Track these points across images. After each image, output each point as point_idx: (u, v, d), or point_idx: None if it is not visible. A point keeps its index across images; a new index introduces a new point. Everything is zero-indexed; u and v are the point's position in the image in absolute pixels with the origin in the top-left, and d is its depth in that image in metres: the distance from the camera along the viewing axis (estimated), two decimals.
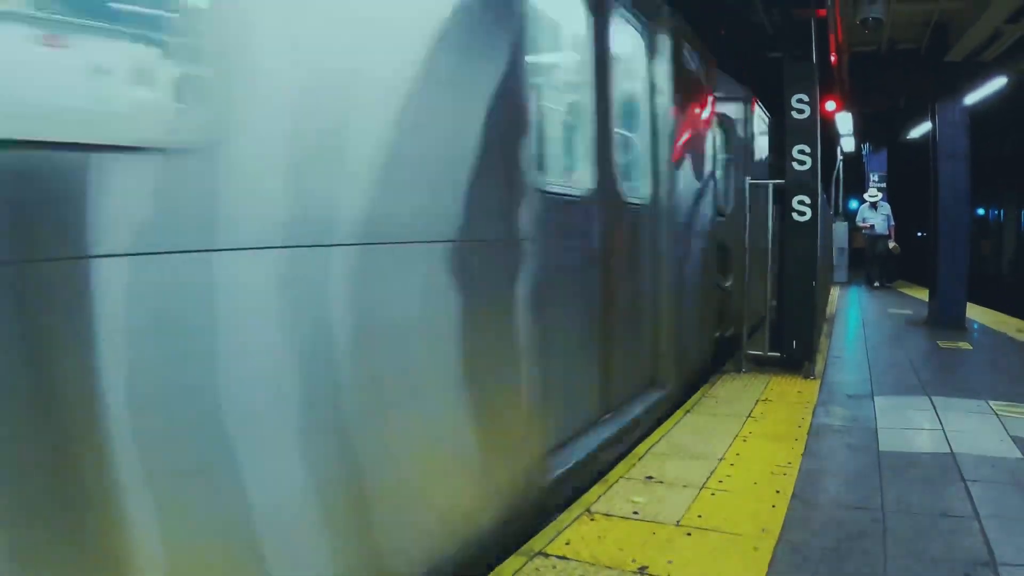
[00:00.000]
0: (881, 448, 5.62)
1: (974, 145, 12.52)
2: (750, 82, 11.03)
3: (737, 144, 10.58)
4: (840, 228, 22.30)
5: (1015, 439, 5.76)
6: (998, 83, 12.97)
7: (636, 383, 6.40)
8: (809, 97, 8.14)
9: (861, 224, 20.35)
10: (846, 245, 22.70)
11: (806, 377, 8.24)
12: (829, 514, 4.32)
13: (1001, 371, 9.25)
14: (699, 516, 4.25)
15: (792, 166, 8.15)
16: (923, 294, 15.20)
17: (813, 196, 8.17)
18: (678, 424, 6.40)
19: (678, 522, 4.17)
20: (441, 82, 3.28)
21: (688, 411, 6.86)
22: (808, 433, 6.02)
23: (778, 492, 4.62)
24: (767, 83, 10.09)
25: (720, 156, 9.87)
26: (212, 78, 2.37)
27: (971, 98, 12.84)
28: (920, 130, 18.85)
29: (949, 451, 5.50)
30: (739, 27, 11.81)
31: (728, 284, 9.44)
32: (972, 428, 6.15)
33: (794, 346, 8.27)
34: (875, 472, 5.05)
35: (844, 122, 16.42)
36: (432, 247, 3.26)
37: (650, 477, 4.92)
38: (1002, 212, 27.98)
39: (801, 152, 8.10)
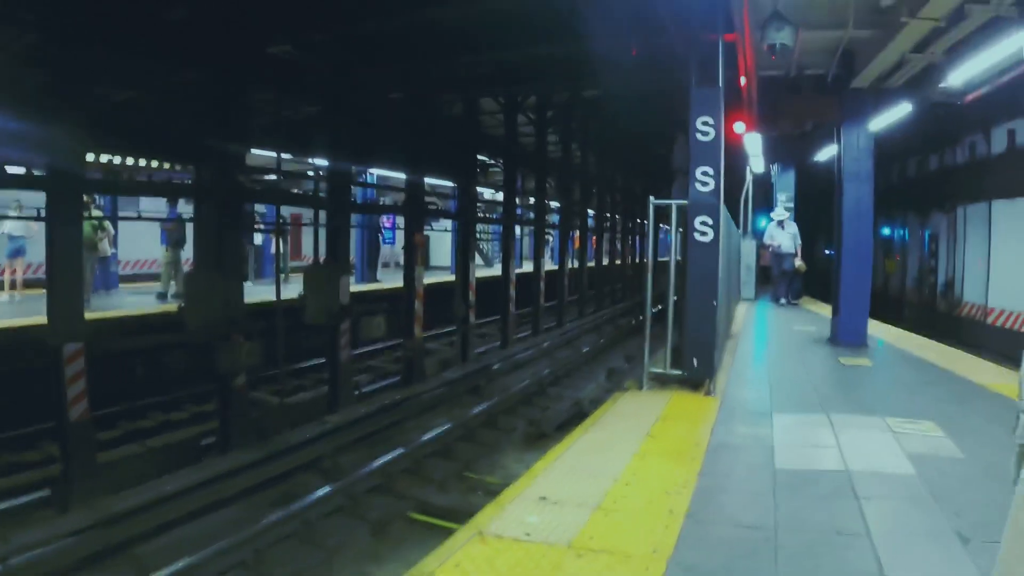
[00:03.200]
0: (777, 466, 5.65)
1: (880, 168, 12.79)
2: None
3: None
4: (748, 246, 22.61)
5: (909, 455, 5.83)
6: (903, 109, 13.28)
7: None
8: (714, 120, 8.20)
9: (768, 243, 20.70)
10: (754, 263, 23.04)
11: (707, 394, 8.28)
12: (722, 533, 4.30)
13: (900, 387, 9.43)
14: (591, 538, 4.20)
15: (696, 187, 8.20)
16: (828, 311, 15.45)
17: (715, 217, 8.22)
18: (577, 441, 6.36)
19: (570, 544, 4.11)
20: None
21: (589, 428, 6.83)
22: (706, 451, 6.02)
23: (672, 512, 4.59)
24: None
25: None
26: None
27: (876, 124, 13.12)
28: (827, 153, 19.24)
29: (844, 468, 5.54)
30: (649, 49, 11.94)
31: None
32: (868, 445, 6.22)
33: (695, 364, 8.30)
34: (770, 490, 5.05)
35: (753, 143, 16.63)
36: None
37: (544, 497, 4.85)
38: (906, 232, 28.72)
39: (704, 174, 8.16)
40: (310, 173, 17.03)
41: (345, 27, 11.51)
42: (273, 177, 15.77)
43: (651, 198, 8.75)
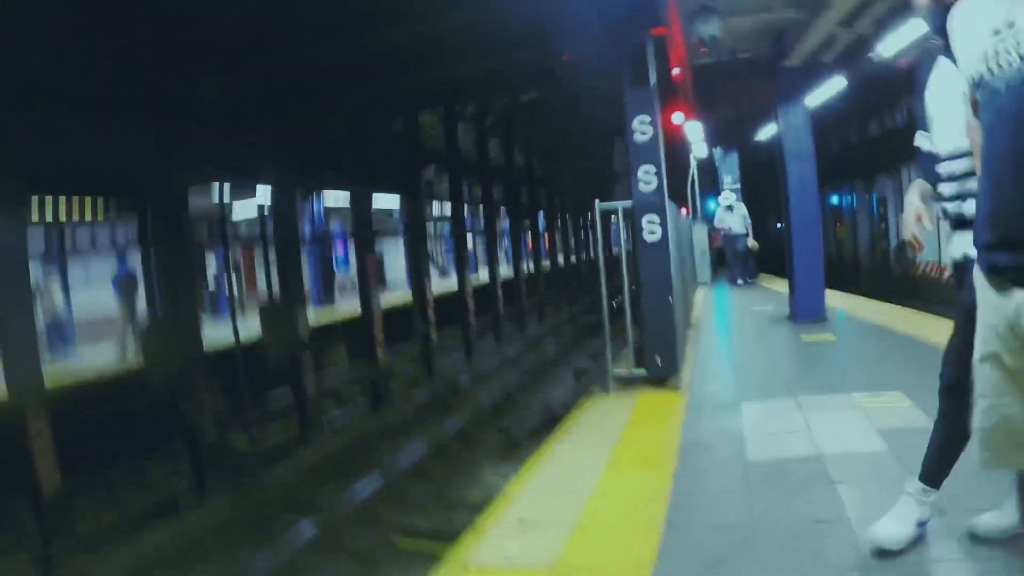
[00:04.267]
0: (750, 459, 5.67)
1: (821, 142, 12.92)
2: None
3: None
4: (700, 231, 22.77)
5: (879, 431, 5.87)
6: (838, 83, 13.46)
7: None
8: (651, 118, 8.22)
9: (719, 226, 20.91)
10: (707, 247, 23.22)
11: (674, 390, 8.29)
12: (701, 539, 4.31)
13: (863, 359, 9.52)
14: (572, 558, 4.19)
15: (639, 187, 8.22)
16: (786, 287, 15.57)
17: (662, 214, 8.24)
18: (549, 456, 6.36)
19: (552, 566, 4.10)
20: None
21: (559, 440, 6.83)
22: (678, 452, 6.02)
23: (650, 521, 4.59)
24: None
25: None
26: None
27: (812, 99, 13.27)
28: (767, 132, 19.42)
29: (817, 453, 5.56)
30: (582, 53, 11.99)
31: None
32: (837, 425, 6.25)
33: (658, 362, 8.32)
34: (745, 487, 5.07)
35: (694, 131, 16.78)
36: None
37: (523, 519, 4.84)
38: (854, 198, 29.02)
39: (646, 172, 8.17)
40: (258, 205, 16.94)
41: (277, 59, 11.46)
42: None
43: (596, 202, 8.75)
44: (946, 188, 3.68)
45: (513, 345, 20.60)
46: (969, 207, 3.45)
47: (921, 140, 4.04)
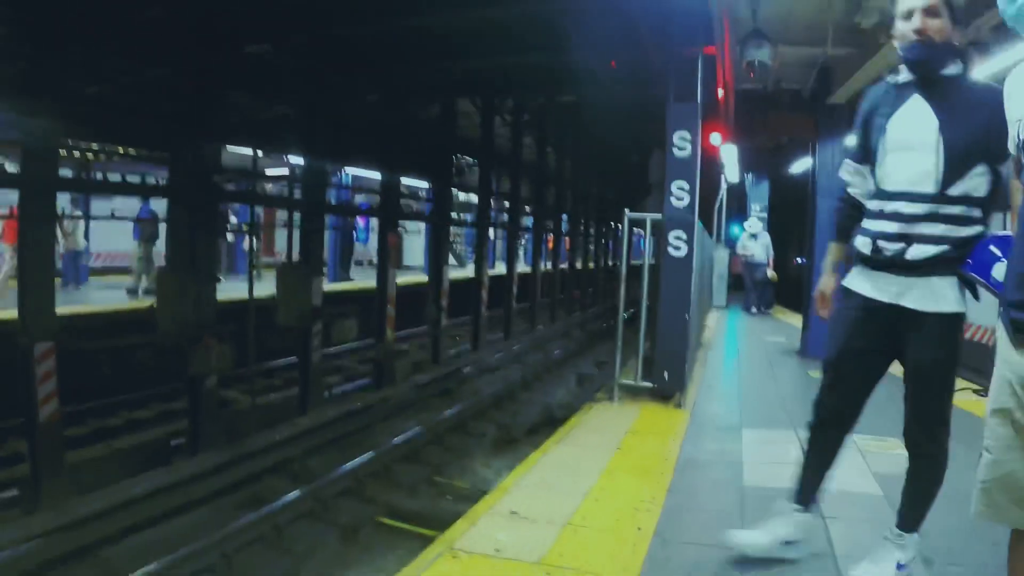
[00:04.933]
0: (745, 483, 5.70)
1: None
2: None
3: None
4: (721, 255, 22.74)
5: (876, 475, 5.90)
6: None
7: None
8: (691, 135, 8.24)
9: (741, 252, 20.92)
10: (726, 271, 23.19)
11: (677, 407, 8.33)
12: (689, 553, 4.35)
13: (868, 403, 9.49)
14: (560, 555, 4.23)
15: (671, 201, 8.24)
16: (799, 321, 15.55)
17: (689, 232, 8.26)
18: (547, 455, 6.40)
19: (540, 561, 4.14)
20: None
21: (559, 441, 6.87)
22: (675, 467, 6.06)
23: (640, 530, 4.64)
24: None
25: None
26: None
27: (851, 140, 13.26)
28: (801, 166, 19.38)
29: None
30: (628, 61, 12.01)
31: None
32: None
33: (666, 377, 8.35)
34: (738, 509, 5.11)
35: (729, 154, 16.75)
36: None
37: (515, 512, 4.89)
38: None
39: (680, 188, 8.20)
40: (285, 172, 16.97)
41: (321, 29, 11.49)
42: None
43: (626, 211, 8.77)
44: (887, 226, 3.53)
45: (521, 341, 20.61)
46: (918, 252, 3.42)
47: (852, 175, 3.94)
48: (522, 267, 24.15)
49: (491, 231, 26.14)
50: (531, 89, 17.46)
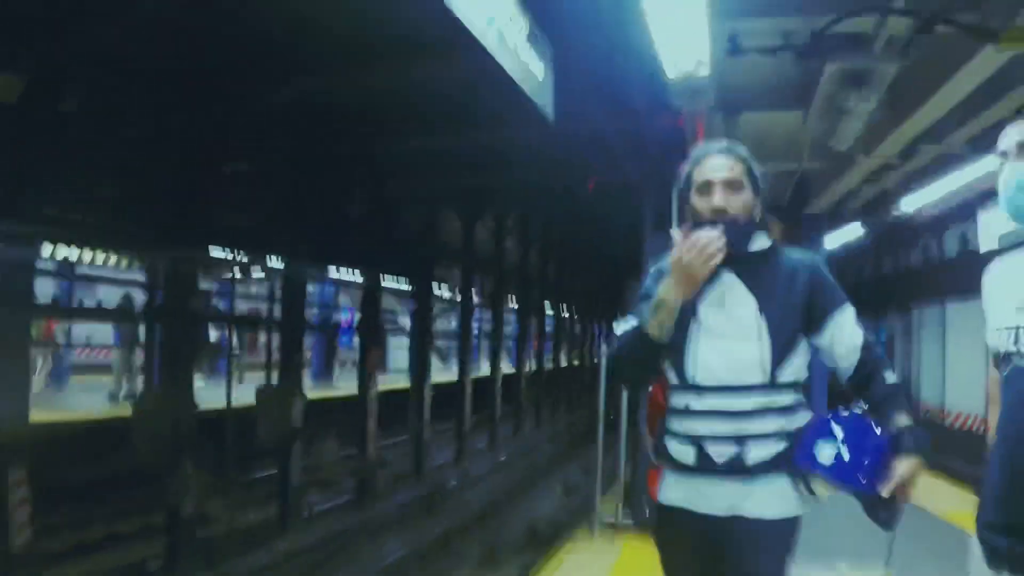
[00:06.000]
0: None
1: (835, 269, 13.01)
2: None
3: None
4: None
5: None
6: (856, 230, 13.65)
7: None
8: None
9: None
10: None
11: None
12: None
13: (853, 522, 9.11)
14: None
15: None
16: None
17: None
18: None
19: None
20: None
21: None
22: None
23: None
24: None
25: None
26: None
27: (831, 242, 13.46)
28: None
29: None
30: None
31: None
32: None
33: (647, 513, 8.15)
34: None
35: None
36: None
37: None
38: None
39: None
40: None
41: (300, 150, 11.58)
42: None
43: (616, 324, 8.68)
44: (715, 427, 2.76)
45: (506, 449, 20.43)
46: (757, 453, 2.71)
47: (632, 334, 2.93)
48: (506, 366, 24.09)
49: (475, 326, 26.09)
50: (508, 204, 17.68)
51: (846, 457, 2.60)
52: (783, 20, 5.95)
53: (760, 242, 2.88)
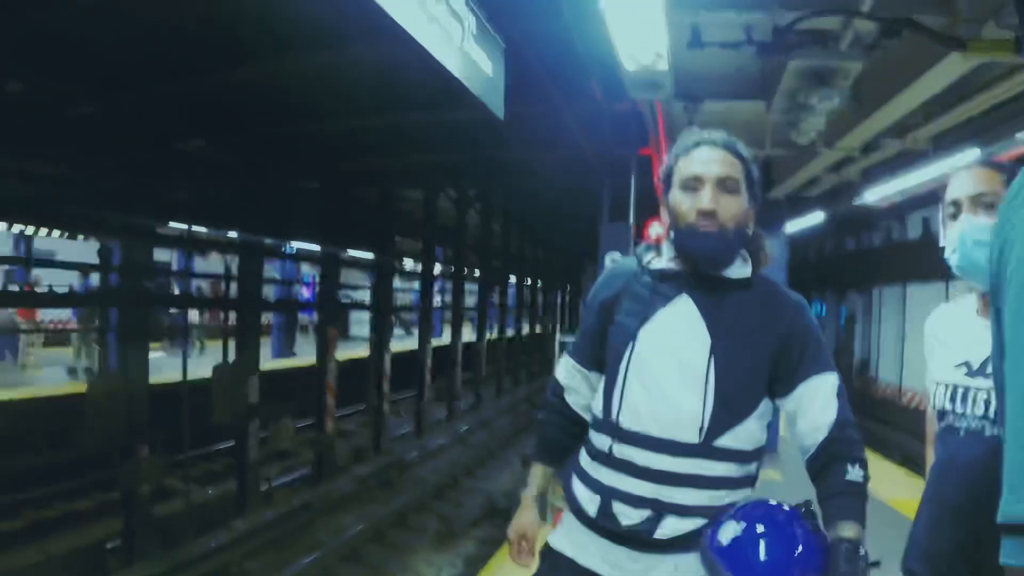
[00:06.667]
0: None
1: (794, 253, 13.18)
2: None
3: None
4: None
5: None
6: (817, 216, 13.81)
7: None
8: (621, 256, 8.25)
9: None
10: None
11: None
12: None
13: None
14: None
15: None
16: None
17: None
18: None
19: None
20: None
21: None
22: None
23: None
24: None
25: None
26: None
27: (791, 227, 13.56)
28: None
29: None
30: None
31: None
32: None
33: None
34: None
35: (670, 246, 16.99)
36: None
37: None
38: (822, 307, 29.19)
39: None
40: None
41: (258, 128, 11.45)
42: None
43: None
44: (632, 485, 2.27)
45: (465, 420, 20.49)
46: (670, 528, 2.22)
47: (573, 377, 2.60)
48: (468, 334, 24.16)
49: (437, 298, 26.06)
50: (468, 179, 17.63)
51: (747, 544, 2.06)
52: (746, 14, 5.83)
53: (739, 269, 2.32)
